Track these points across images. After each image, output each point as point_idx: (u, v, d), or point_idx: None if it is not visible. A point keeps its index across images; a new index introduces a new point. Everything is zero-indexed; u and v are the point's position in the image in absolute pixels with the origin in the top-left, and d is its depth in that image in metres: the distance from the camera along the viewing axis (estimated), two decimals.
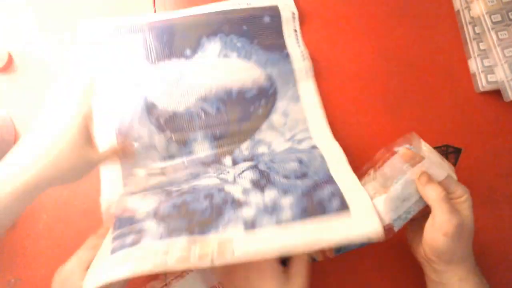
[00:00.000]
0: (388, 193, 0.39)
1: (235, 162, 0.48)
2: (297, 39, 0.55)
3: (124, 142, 0.44)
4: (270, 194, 0.41)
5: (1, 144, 0.48)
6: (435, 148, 0.46)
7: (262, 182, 0.43)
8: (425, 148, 0.41)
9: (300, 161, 0.45)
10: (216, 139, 0.49)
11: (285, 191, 0.41)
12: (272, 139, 0.50)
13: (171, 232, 0.37)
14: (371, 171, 0.44)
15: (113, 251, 0.37)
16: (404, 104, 0.55)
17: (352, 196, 0.40)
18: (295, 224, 0.38)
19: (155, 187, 0.46)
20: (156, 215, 0.39)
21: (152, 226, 0.38)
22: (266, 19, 0.55)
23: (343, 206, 0.39)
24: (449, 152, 0.53)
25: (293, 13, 0.56)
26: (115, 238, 0.39)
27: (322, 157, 0.46)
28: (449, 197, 0.37)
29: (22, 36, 0.54)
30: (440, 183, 0.38)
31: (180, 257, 0.35)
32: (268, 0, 0.56)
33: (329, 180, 0.42)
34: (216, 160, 0.48)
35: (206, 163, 0.48)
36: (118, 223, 0.41)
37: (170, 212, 0.39)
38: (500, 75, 0.52)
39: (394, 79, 0.55)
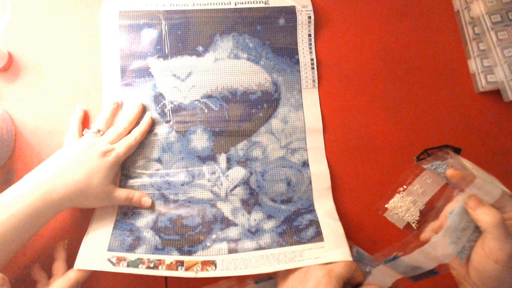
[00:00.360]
0: (445, 227, 0.36)
1: (229, 162, 0.50)
2: (311, 44, 0.55)
3: (142, 194, 0.47)
4: (256, 216, 0.48)
5: (1, 144, 0.48)
6: (435, 148, 0.46)
7: (250, 202, 0.49)
8: (468, 164, 0.38)
9: (289, 183, 0.50)
10: (215, 134, 0.51)
11: (269, 216, 0.48)
12: (268, 143, 0.52)
13: (164, 246, 0.45)
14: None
15: (111, 248, 0.44)
16: (404, 104, 0.55)
17: (327, 224, 0.47)
18: (272, 250, 0.45)
19: (153, 184, 0.49)
20: (153, 227, 0.46)
21: (149, 236, 0.46)
22: (281, 21, 0.55)
23: (318, 234, 0.46)
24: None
25: (309, 17, 0.56)
26: (114, 236, 0.45)
27: (309, 180, 0.51)
28: (504, 217, 0.34)
29: (22, 36, 0.54)
30: (494, 203, 0.34)
31: (169, 269, 0.43)
32: (286, 0, 0.56)
33: (310, 209, 0.49)
34: (211, 157, 0.50)
35: (201, 158, 0.50)
36: (117, 224, 0.47)
37: (166, 226, 0.47)
38: (499, 75, 0.52)
39: (394, 79, 0.55)
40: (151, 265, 0.43)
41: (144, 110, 0.51)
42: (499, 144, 0.54)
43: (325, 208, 0.49)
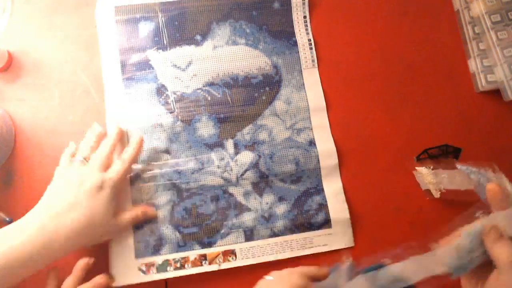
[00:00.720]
0: (455, 244, 0.35)
1: (236, 147, 0.51)
2: (306, 26, 0.56)
3: (145, 208, 0.47)
4: (268, 199, 0.50)
5: (1, 144, 0.48)
6: (435, 148, 0.46)
7: (261, 185, 0.50)
8: (510, 188, 0.35)
9: (297, 163, 0.51)
10: (220, 121, 0.52)
11: (280, 198, 0.50)
12: (273, 126, 0.52)
13: (185, 242, 0.47)
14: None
15: (138, 255, 0.46)
16: (404, 104, 0.55)
17: (335, 209, 0.50)
18: (285, 237, 0.49)
19: (163, 175, 0.49)
20: (171, 220, 0.48)
21: (170, 233, 0.48)
22: (276, 4, 0.56)
23: (326, 221, 0.50)
24: (448, 152, 0.53)
25: None
26: (138, 241, 0.47)
27: (317, 159, 0.52)
28: None
29: (22, 36, 0.54)
30: None
31: (194, 266, 0.47)
32: None
33: (319, 188, 0.51)
34: (218, 143, 0.51)
35: (209, 145, 0.51)
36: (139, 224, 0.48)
37: (183, 216, 0.48)
38: (499, 75, 0.52)
39: (394, 79, 0.55)
40: (178, 265, 0.46)
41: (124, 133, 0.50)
42: (499, 144, 0.54)
43: (333, 187, 0.51)
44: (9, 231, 0.40)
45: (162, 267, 0.46)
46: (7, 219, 0.47)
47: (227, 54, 0.54)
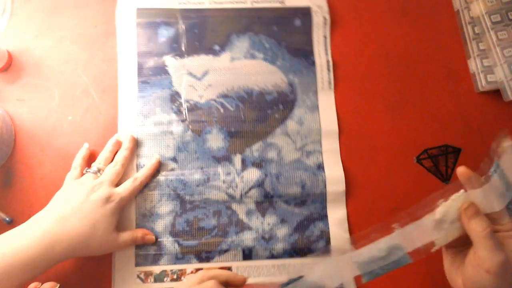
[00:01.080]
0: (436, 212, 0.36)
1: (244, 163, 0.51)
2: (326, 46, 0.55)
3: (144, 232, 0.47)
4: (270, 220, 0.50)
5: (1, 144, 0.48)
6: (435, 148, 0.46)
7: (265, 205, 0.50)
8: (504, 166, 0.36)
9: (303, 186, 0.50)
10: (230, 135, 0.51)
11: (282, 220, 0.50)
12: (283, 145, 0.52)
13: (184, 255, 0.48)
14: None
15: (138, 263, 0.47)
16: (404, 104, 0.55)
17: (337, 237, 0.49)
18: (283, 260, 0.48)
19: (168, 184, 0.49)
20: (172, 232, 0.48)
21: (169, 245, 0.48)
22: (297, 22, 0.55)
23: (327, 249, 0.49)
24: (448, 152, 0.53)
25: (325, 18, 0.56)
26: (139, 250, 0.47)
27: (324, 184, 0.51)
28: (497, 228, 0.35)
29: (22, 36, 0.54)
30: (489, 214, 0.35)
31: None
32: (302, 1, 0.56)
33: (323, 214, 0.50)
34: (226, 157, 0.51)
35: (216, 158, 0.51)
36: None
37: (184, 229, 0.48)
38: (499, 75, 0.52)
39: (394, 79, 0.55)
40: (175, 276, 0.47)
41: (137, 142, 0.50)
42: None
43: (337, 215, 0.50)
44: (12, 234, 0.40)
45: (159, 277, 0.47)
46: (7, 219, 0.47)
47: (244, 67, 0.53)
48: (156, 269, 0.47)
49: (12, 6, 0.55)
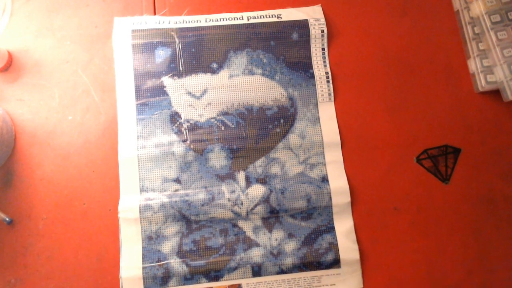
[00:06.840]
0: None
1: (248, 180, 0.50)
2: (324, 58, 0.55)
3: None
4: (277, 235, 0.49)
5: (1, 144, 0.48)
6: (435, 148, 0.46)
7: (271, 220, 0.50)
8: None
9: (309, 200, 0.50)
10: (232, 152, 0.51)
11: (290, 234, 0.49)
12: (286, 159, 0.52)
13: (193, 275, 0.47)
14: None
15: (146, 287, 0.47)
16: (404, 104, 0.55)
17: (345, 249, 0.49)
18: (293, 274, 0.48)
19: (173, 205, 0.49)
20: (179, 253, 0.48)
21: (177, 266, 0.47)
22: (294, 35, 0.55)
23: (336, 261, 0.49)
24: (448, 152, 0.53)
25: (322, 31, 0.56)
26: (146, 273, 0.47)
27: (329, 196, 0.51)
28: None
29: (22, 36, 0.54)
30: None
31: None
32: (299, 14, 0.56)
33: (330, 226, 0.50)
34: (230, 175, 0.50)
35: (220, 177, 0.50)
36: (146, 253, 0.48)
37: (191, 249, 0.48)
38: (499, 75, 0.52)
39: (394, 79, 0.55)
40: None
41: None
42: (498, 144, 0.54)
43: (344, 226, 0.50)
44: None
45: None
46: (7, 219, 0.47)
47: (243, 84, 0.53)
48: None
49: (12, 6, 0.55)
